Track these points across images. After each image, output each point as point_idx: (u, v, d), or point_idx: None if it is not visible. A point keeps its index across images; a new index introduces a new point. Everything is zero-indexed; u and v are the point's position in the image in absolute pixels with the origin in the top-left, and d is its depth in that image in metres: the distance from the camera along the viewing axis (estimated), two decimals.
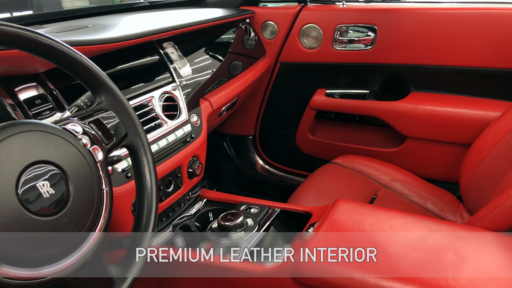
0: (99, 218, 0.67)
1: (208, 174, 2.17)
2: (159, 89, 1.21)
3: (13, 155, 0.57)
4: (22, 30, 0.63)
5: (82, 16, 1.48)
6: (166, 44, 1.34)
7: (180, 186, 1.22)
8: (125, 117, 0.78)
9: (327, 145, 1.96)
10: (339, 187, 1.50)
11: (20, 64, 0.89)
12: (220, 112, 1.58)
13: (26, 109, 0.88)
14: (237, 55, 1.73)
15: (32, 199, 0.57)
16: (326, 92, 1.87)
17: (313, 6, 1.84)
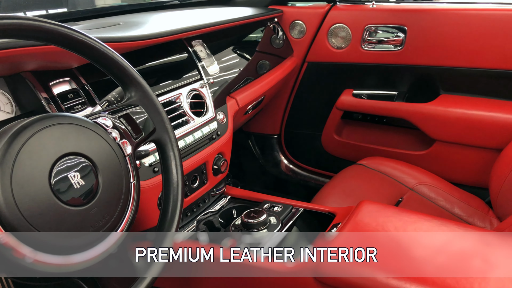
0: (126, 210, 0.68)
1: (233, 172, 2.18)
2: (187, 86, 1.22)
3: (47, 146, 0.60)
4: (58, 26, 0.65)
5: (114, 13, 1.52)
6: (195, 42, 1.36)
7: (205, 182, 1.23)
8: (153, 112, 0.80)
9: (353, 146, 1.94)
10: (364, 188, 1.49)
11: (55, 59, 0.92)
12: (246, 111, 1.58)
13: (59, 103, 0.91)
14: (265, 54, 1.74)
15: (63, 190, 0.59)
16: (354, 93, 1.85)
17: (342, 6, 1.83)
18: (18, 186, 0.55)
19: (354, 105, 1.85)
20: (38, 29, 0.62)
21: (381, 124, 1.91)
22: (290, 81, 1.96)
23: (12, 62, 0.84)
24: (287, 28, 1.88)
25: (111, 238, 0.66)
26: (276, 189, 2.25)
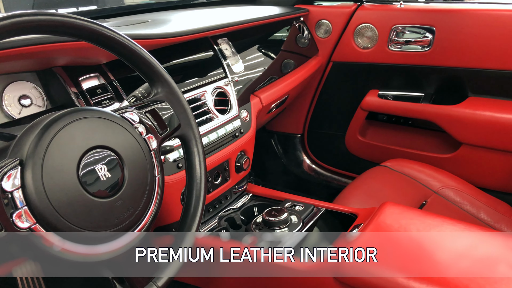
0: (151, 203, 0.70)
1: (255, 170, 2.19)
2: (212, 84, 1.24)
3: (76, 139, 0.62)
4: (89, 23, 0.67)
5: (142, 11, 1.55)
6: (220, 40, 1.37)
7: (228, 179, 1.24)
8: (179, 109, 0.81)
9: (377, 148, 1.92)
10: (387, 190, 1.47)
11: (85, 55, 0.94)
12: (270, 109, 1.59)
13: (88, 98, 0.94)
14: (290, 53, 1.74)
15: (90, 182, 0.61)
16: (379, 93, 1.83)
17: (369, 6, 1.81)
18: (48, 177, 0.57)
19: (379, 106, 1.83)
20: (70, 26, 0.65)
21: (406, 126, 1.89)
22: (315, 81, 1.95)
23: (44, 57, 0.87)
24: (313, 28, 1.87)
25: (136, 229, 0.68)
26: (298, 189, 2.24)
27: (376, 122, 1.95)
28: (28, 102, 0.91)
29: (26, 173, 0.56)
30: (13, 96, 0.89)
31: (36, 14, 0.60)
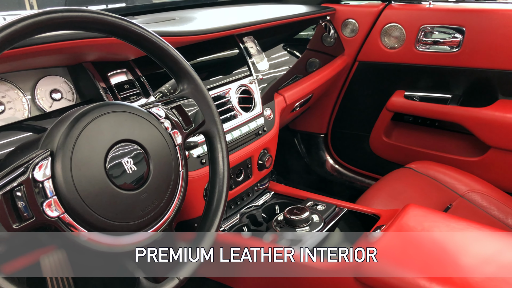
0: (174, 197, 0.71)
1: (277, 169, 2.19)
2: (237, 81, 1.25)
3: (104, 132, 0.63)
4: (119, 19, 0.69)
5: (170, 9, 1.57)
6: (246, 38, 1.38)
7: (250, 177, 1.25)
8: (204, 105, 0.82)
9: (402, 149, 1.89)
10: (411, 192, 1.45)
11: (114, 51, 0.97)
12: (293, 108, 1.59)
13: (116, 93, 0.96)
14: (315, 52, 1.73)
15: (117, 174, 0.63)
16: (405, 94, 1.81)
17: (397, 5, 1.78)
18: (76, 168, 0.59)
19: (406, 107, 1.80)
20: (101, 22, 0.67)
21: (433, 128, 1.85)
22: (340, 80, 1.94)
23: (75, 52, 0.90)
24: (339, 27, 1.86)
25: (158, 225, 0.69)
26: (320, 189, 2.23)
27: (402, 123, 1.92)
28: (58, 96, 0.93)
29: (56, 164, 0.58)
30: (45, 90, 0.92)
31: (69, 11, 0.62)
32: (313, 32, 1.76)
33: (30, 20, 0.58)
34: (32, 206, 0.56)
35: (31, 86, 0.90)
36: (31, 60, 0.86)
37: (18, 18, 0.57)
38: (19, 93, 0.88)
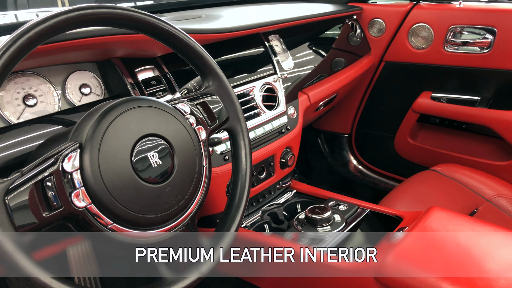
0: (198, 191, 0.72)
1: (300, 168, 2.19)
2: (261, 79, 1.25)
3: (130, 126, 0.65)
4: (148, 16, 0.70)
5: (197, 7, 1.59)
6: (271, 36, 1.38)
7: (272, 175, 1.25)
8: (228, 102, 0.83)
9: (428, 151, 1.86)
10: (436, 195, 1.42)
11: (142, 47, 0.98)
12: (317, 107, 1.58)
13: (143, 89, 0.98)
14: (340, 51, 1.72)
15: (142, 168, 0.64)
16: (432, 96, 1.78)
17: (426, 5, 1.75)
18: (103, 161, 0.61)
19: (432, 109, 1.77)
20: (130, 19, 0.68)
21: (460, 130, 1.82)
22: (365, 80, 1.92)
23: (104, 48, 0.92)
24: (366, 26, 1.84)
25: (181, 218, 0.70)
26: (343, 190, 2.21)
27: (428, 125, 1.89)
28: (87, 91, 0.96)
29: (84, 156, 0.60)
30: (74, 85, 0.94)
31: (99, 7, 0.64)
32: (339, 31, 1.75)
33: (63, 16, 0.60)
34: (61, 196, 0.58)
35: (61, 80, 0.93)
36: (62, 55, 0.89)
37: (51, 14, 0.60)
38: (50, 87, 0.91)
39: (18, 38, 0.56)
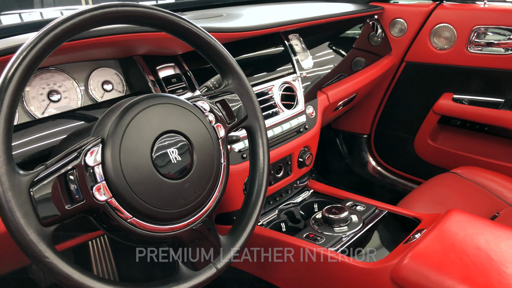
0: (216, 188, 0.73)
1: (318, 168, 2.18)
2: (280, 78, 1.25)
3: (151, 122, 0.66)
4: (170, 15, 0.71)
5: (217, 5, 1.60)
6: (291, 36, 1.38)
7: (289, 174, 1.26)
8: (247, 100, 0.84)
9: (448, 153, 1.83)
10: (456, 198, 1.40)
11: (163, 45, 1.00)
12: (337, 107, 1.58)
13: (163, 86, 1.00)
14: (361, 51, 1.71)
15: (162, 163, 0.65)
16: (454, 97, 1.75)
17: (449, 5, 1.73)
18: (124, 155, 0.62)
19: (454, 110, 1.75)
20: (152, 17, 0.69)
21: (482, 133, 1.78)
22: (386, 80, 1.91)
23: (127, 45, 0.94)
24: (387, 26, 1.83)
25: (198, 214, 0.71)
26: (361, 190, 2.19)
27: (449, 127, 1.86)
28: (110, 87, 0.98)
29: (106, 151, 0.61)
30: (97, 81, 0.96)
31: (123, 5, 0.65)
32: (360, 31, 1.74)
33: (87, 14, 0.62)
34: (83, 189, 0.59)
35: (85, 77, 0.95)
36: (86, 52, 0.91)
37: (76, 12, 0.61)
38: (74, 83, 0.93)
39: (45, 35, 0.58)
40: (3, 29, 1.04)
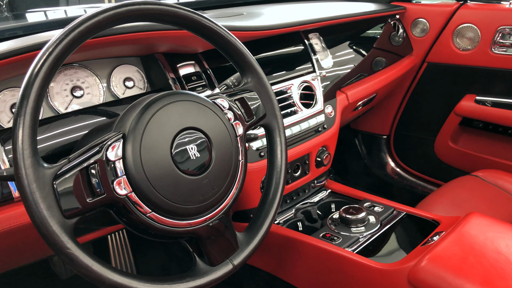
0: (233, 185, 0.74)
1: (335, 168, 2.17)
2: (299, 77, 1.25)
3: (171, 119, 0.67)
4: (192, 13, 0.72)
5: (238, 4, 1.61)
6: (311, 35, 1.38)
7: (307, 173, 1.25)
8: (266, 99, 0.84)
9: (469, 156, 1.80)
10: (476, 201, 1.38)
11: (184, 43, 1.01)
12: (356, 107, 1.57)
13: (184, 83, 1.01)
14: (382, 51, 1.69)
15: (181, 160, 0.66)
16: (476, 99, 1.72)
17: (473, 5, 1.69)
18: (145, 151, 0.63)
19: (476, 112, 1.72)
20: (174, 15, 0.70)
21: (506, 136, 1.75)
22: (406, 81, 1.88)
23: (149, 43, 0.95)
24: (409, 26, 1.80)
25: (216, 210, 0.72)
26: (379, 192, 2.17)
27: (471, 129, 1.83)
28: (131, 84, 1.00)
29: (127, 146, 0.62)
30: (119, 78, 0.98)
31: (146, 3, 0.66)
32: (381, 30, 1.72)
33: (111, 12, 0.63)
34: (104, 183, 0.61)
35: (107, 73, 0.97)
36: (109, 49, 0.93)
37: (100, 10, 0.62)
38: (96, 80, 0.95)
39: (70, 32, 0.60)
40: (30, 26, 1.07)
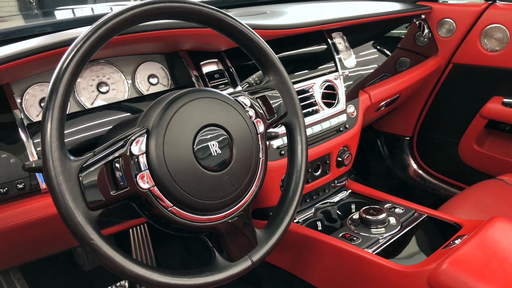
0: (253, 182, 0.74)
1: (357, 169, 2.15)
2: (322, 77, 1.25)
3: (194, 115, 0.68)
4: (216, 11, 0.73)
5: (262, 3, 1.62)
6: (335, 34, 1.37)
7: (327, 173, 1.25)
8: (287, 97, 0.84)
9: (495, 159, 1.76)
10: (501, 206, 1.35)
11: (208, 41, 1.02)
12: (379, 107, 1.55)
13: (206, 81, 1.02)
14: (406, 51, 1.67)
15: (203, 156, 0.67)
16: (504, 101, 1.68)
17: (502, 5, 1.65)
18: (168, 146, 0.64)
19: (503, 115, 1.68)
20: (199, 13, 0.71)
21: None
22: (431, 82, 1.85)
23: (173, 41, 0.97)
24: (434, 26, 1.77)
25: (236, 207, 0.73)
26: (400, 194, 2.14)
27: (497, 132, 1.79)
28: (155, 81, 1.01)
29: (150, 141, 0.64)
30: (143, 75, 1.00)
31: (171, 1, 0.67)
32: (406, 30, 1.70)
33: (137, 9, 0.64)
34: (127, 177, 0.62)
35: (132, 70, 0.99)
36: (134, 46, 0.94)
37: (126, 8, 0.64)
38: (121, 76, 0.97)
39: (98, 29, 0.61)
40: (59, 23, 1.10)
